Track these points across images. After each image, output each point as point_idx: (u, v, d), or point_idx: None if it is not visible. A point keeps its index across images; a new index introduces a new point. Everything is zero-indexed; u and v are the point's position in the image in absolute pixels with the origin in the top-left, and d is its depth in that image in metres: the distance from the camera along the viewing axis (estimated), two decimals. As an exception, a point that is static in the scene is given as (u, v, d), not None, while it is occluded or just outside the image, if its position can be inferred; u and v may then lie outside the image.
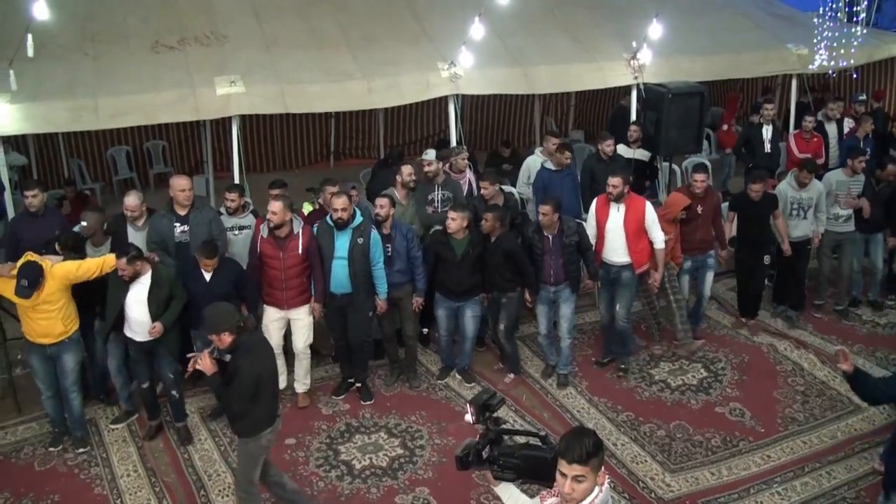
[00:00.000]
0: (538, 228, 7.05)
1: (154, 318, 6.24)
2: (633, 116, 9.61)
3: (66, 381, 6.40)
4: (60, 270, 6.19)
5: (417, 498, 5.91)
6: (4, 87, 7.78)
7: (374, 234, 6.84)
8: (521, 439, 3.54)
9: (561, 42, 9.95)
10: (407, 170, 7.74)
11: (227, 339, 4.94)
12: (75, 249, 6.57)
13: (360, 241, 6.71)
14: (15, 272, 6.02)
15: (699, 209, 7.59)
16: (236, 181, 8.40)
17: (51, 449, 6.52)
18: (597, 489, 3.08)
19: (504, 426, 3.53)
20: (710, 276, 7.95)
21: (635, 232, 7.17)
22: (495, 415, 3.49)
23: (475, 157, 9.34)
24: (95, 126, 8.75)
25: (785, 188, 8.20)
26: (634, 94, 9.64)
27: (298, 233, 6.76)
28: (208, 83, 8.46)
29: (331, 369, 7.68)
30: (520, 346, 7.83)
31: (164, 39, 9.18)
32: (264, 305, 6.97)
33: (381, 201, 7.08)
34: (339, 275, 6.79)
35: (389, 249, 7.03)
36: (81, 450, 6.51)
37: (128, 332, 6.39)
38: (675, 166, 10.20)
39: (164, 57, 8.98)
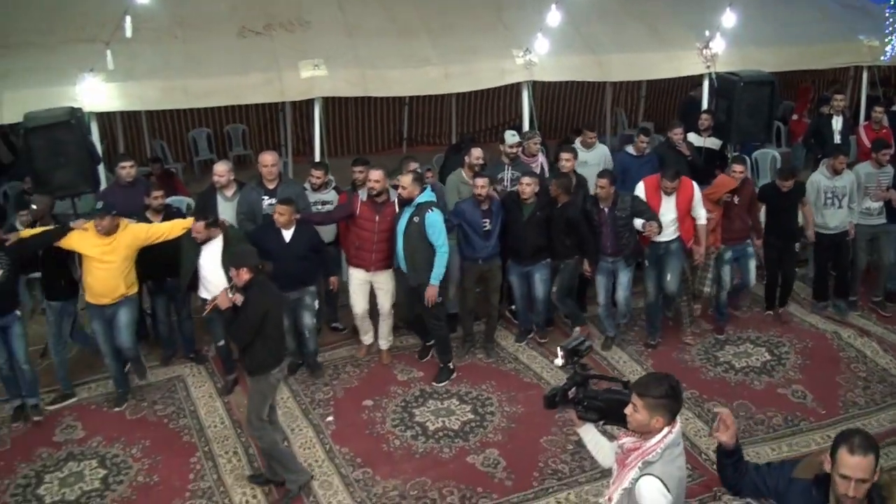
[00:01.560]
0: (595, 201, 7.41)
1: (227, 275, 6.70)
2: (705, 105, 9.73)
3: (121, 338, 6.83)
4: (133, 228, 6.76)
5: (488, 458, 6.21)
6: (102, 67, 8.31)
7: (431, 215, 6.95)
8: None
9: (635, 30, 10.09)
10: (476, 153, 8.03)
11: (244, 275, 5.42)
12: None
13: (416, 219, 6.98)
14: (88, 226, 6.62)
15: (735, 199, 7.77)
16: (317, 159, 8.84)
17: (116, 409, 6.98)
18: (666, 430, 3.34)
19: (591, 372, 3.81)
20: (752, 263, 8.10)
21: (685, 212, 7.50)
22: (582, 360, 3.78)
23: (546, 145, 9.56)
24: (185, 105, 9.27)
25: (818, 178, 8.23)
26: (706, 83, 9.75)
27: (394, 201, 7.20)
28: (293, 67, 8.84)
29: (405, 339, 8.03)
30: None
31: (251, 25, 9.60)
32: (350, 269, 7.46)
33: (480, 181, 7.39)
34: (398, 252, 7.15)
35: (488, 224, 7.40)
36: (142, 381, 7.21)
37: (203, 294, 6.84)
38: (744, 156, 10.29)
39: (251, 42, 9.41)
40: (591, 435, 3.79)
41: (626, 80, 12.23)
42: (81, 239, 6.63)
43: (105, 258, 6.61)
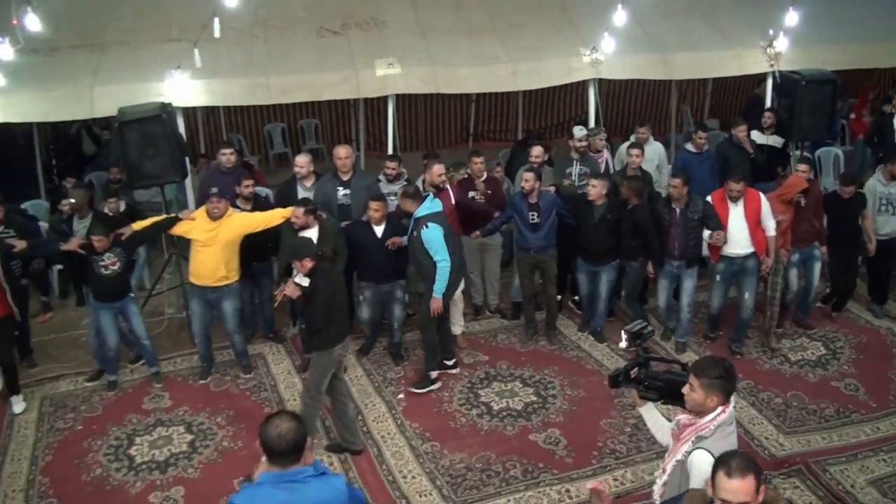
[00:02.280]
0: (667, 201, 7.51)
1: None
2: (768, 103, 9.83)
3: (227, 325, 7.43)
4: (238, 217, 7.28)
5: (549, 437, 6.54)
6: (188, 65, 8.84)
7: (426, 231, 6.95)
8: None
9: (699, 29, 10.21)
10: (535, 151, 8.37)
11: (307, 264, 5.90)
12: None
13: (416, 234, 7.08)
14: (194, 216, 7.20)
15: (802, 201, 7.74)
16: (390, 152, 9.25)
17: (200, 381, 7.54)
18: (720, 409, 3.60)
19: (653, 356, 4.11)
20: (817, 266, 8.06)
21: (755, 224, 7.40)
22: (645, 344, 4.10)
23: (612, 142, 9.78)
24: (267, 101, 9.77)
25: (873, 183, 8.20)
26: (770, 81, 9.84)
27: (448, 189, 7.67)
28: (368, 65, 9.27)
29: (472, 326, 8.42)
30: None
31: (329, 25, 10.06)
32: None
33: (527, 175, 7.71)
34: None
35: (535, 216, 7.68)
36: (248, 375, 7.57)
37: (297, 279, 7.30)
38: (807, 154, 10.38)
39: (329, 41, 9.87)
40: (651, 414, 4.06)
41: (691, 78, 12.32)
42: (189, 226, 7.23)
43: (210, 241, 7.15)
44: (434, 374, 7.32)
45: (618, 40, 8.98)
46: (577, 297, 8.64)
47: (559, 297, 8.69)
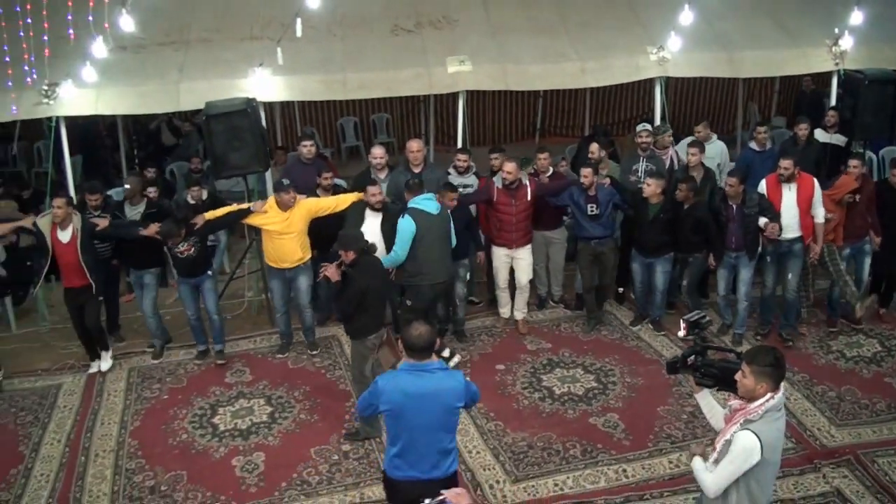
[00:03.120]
0: (724, 198, 7.73)
1: (388, 246, 7.54)
2: (833, 102, 9.87)
3: (301, 299, 7.94)
4: (305, 203, 7.74)
5: (608, 421, 6.80)
6: (270, 62, 9.29)
7: (402, 220, 7.37)
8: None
9: (766, 27, 10.28)
10: (592, 147, 8.73)
11: (351, 255, 6.24)
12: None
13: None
14: (266, 207, 7.66)
15: (856, 197, 7.88)
16: (459, 146, 9.60)
17: (278, 356, 8.08)
18: (769, 395, 3.85)
19: (710, 344, 4.34)
20: (867, 261, 8.21)
21: (806, 209, 7.66)
22: (703, 333, 4.33)
23: (679, 138, 9.88)
24: (343, 97, 10.21)
25: None
26: (834, 80, 9.88)
27: (526, 184, 7.98)
28: (440, 62, 9.64)
29: (536, 315, 8.74)
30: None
31: (403, 23, 10.43)
32: (493, 247, 8.26)
33: (585, 171, 8.04)
34: None
35: (594, 208, 8.01)
36: (314, 352, 8.06)
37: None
38: (870, 153, 10.41)
39: (403, 39, 10.24)
40: (706, 400, 4.29)
41: (756, 76, 12.42)
42: (263, 218, 7.71)
43: (285, 231, 7.66)
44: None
45: (684, 38, 9.14)
46: (620, 290, 9.00)
47: (621, 289, 8.97)
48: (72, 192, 8.87)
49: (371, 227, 7.58)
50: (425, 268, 7.43)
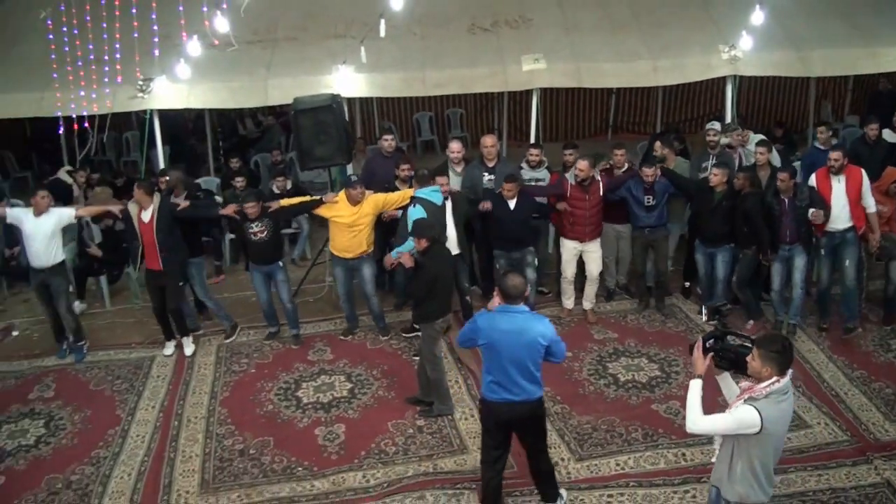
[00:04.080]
0: (776, 193, 7.94)
1: (460, 238, 7.98)
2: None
3: (366, 287, 8.35)
4: (373, 198, 8.17)
5: (670, 408, 7.05)
6: (353, 60, 9.74)
7: (412, 209, 7.72)
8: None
9: (838, 26, 10.35)
10: (656, 145, 9.01)
11: (423, 243, 6.65)
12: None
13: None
14: (337, 199, 8.09)
15: None
16: (532, 141, 9.92)
17: (341, 338, 8.53)
18: (774, 378, 4.14)
19: (731, 330, 4.60)
20: None
21: (856, 200, 7.85)
22: (724, 319, 4.66)
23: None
24: (422, 93, 10.63)
25: None
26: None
27: (598, 179, 8.32)
28: (516, 60, 9.99)
29: (603, 306, 9.04)
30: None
31: (480, 22, 10.81)
32: (563, 240, 8.60)
33: (648, 171, 8.35)
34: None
35: (651, 199, 8.38)
36: (384, 337, 8.47)
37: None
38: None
39: (479, 37, 10.62)
40: (725, 382, 4.58)
41: (827, 75, 12.44)
42: (332, 209, 8.16)
43: (353, 223, 8.08)
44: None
45: (756, 38, 9.26)
46: (687, 284, 9.24)
47: (688, 283, 9.20)
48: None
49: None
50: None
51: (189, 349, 8.36)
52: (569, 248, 8.58)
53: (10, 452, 6.79)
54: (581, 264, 8.71)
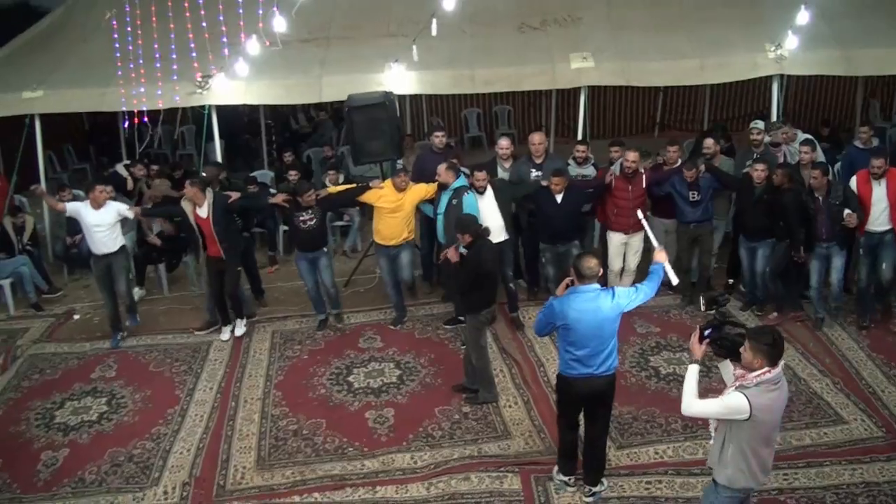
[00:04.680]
0: (810, 191, 8.04)
1: (506, 223, 8.26)
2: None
3: (402, 273, 8.69)
4: (417, 187, 8.53)
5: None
6: (405, 58, 10.00)
7: (468, 196, 8.13)
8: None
9: (884, 25, 10.34)
10: (708, 142, 9.13)
11: (468, 238, 6.89)
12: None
13: (455, 202, 8.17)
14: (384, 185, 8.46)
15: None
16: (579, 138, 10.11)
17: (391, 326, 8.83)
18: (765, 370, 4.29)
19: (729, 319, 4.78)
20: None
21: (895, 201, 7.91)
22: (721, 308, 4.85)
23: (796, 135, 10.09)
24: (472, 91, 10.92)
25: None
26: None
27: (642, 172, 8.52)
28: (564, 58, 10.19)
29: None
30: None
31: (529, 21, 11.02)
32: (609, 232, 8.78)
33: (688, 173, 8.49)
34: (439, 229, 8.45)
35: (696, 195, 8.53)
36: (393, 326, 8.75)
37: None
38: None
39: (528, 36, 10.83)
40: (726, 369, 4.74)
41: (873, 74, 12.41)
42: (377, 195, 8.48)
43: (397, 209, 8.41)
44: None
45: (802, 36, 9.35)
46: (731, 281, 9.34)
47: (731, 280, 9.33)
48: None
49: (487, 205, 8.25)
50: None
51: (240, 330, 8.75)
52: (615, 240, 8.76)
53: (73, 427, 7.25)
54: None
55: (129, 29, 9.95)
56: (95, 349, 8.72)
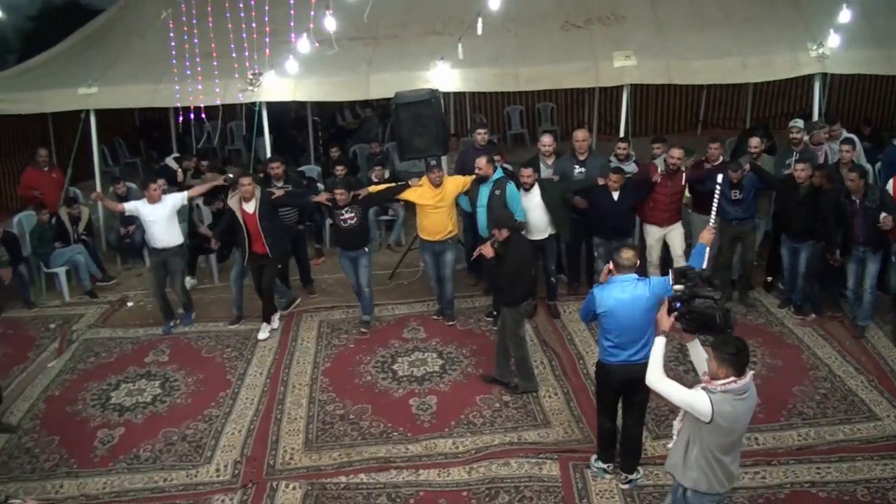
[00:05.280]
0: (848, 194, 8.06)
1: (554, 221, 8.47)
2: None
3: (445, 271, 8.85)
4: (453, 179, 8.80)
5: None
6: (450, 56, 10.22)
7: (510, 187, 8.40)
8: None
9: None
10: (754, 142, 9.16)
11: (504, 233, 7.09)
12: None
13: (498, 192, 8.38)
14: (422, 182, 8.63)
15: None
16: (621, 135, 10.25)
17: (434, 318, 9.07)
18: (731, 379, 4.33)
19: (698, 292, 4.75)
20: None
21: None
22: (689, 283, 4.83)
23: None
24: (515, 88, 11.07)
25: None
26: None
27: (682, 170, 8.66)
28: (607, 57, 10.34)
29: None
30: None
31: (573, 20, 11.19)
32: (646, 225, 8.93)
33: (737, 174, 8.58)
34: (480, 222, 8.54)
35: (738, 193, 8.63)
36: (449, 323, 8.94)
37: (531, 236, 8.55)
38: None
39: (572, 34, 10.99)
40: (696, 349, 4.80)
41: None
42: (417, 192, 8.70)
43: (438, 205, 8.61)
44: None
45: (843, 35, 9.39)
46: (769, 279, 9.40)
47: (770, 278, 9.42)
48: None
49: (531, 200, 8.48)
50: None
51: (274, 324, 9.02)
52: (652, 233, 8.89)
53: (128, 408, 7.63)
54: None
55: (185, 28, 10.26)
56: (149, 335, 9.11)
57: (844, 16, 8.80)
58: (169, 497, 6.32)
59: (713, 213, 6.23)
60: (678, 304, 4.67)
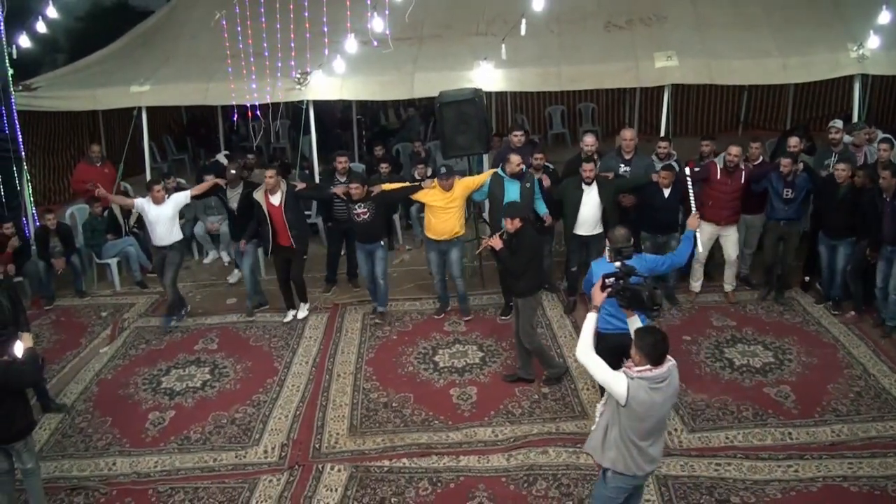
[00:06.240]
0: (880, 192, 8.11)
1: (606, 211, 8.69)
2: None
3: (453, 269, 9.05)
4: (463, 181, 8.97)
5: (781, 391, 7.43)
6: (493, 56, 10.43)
7: (537, 181, 8.79)
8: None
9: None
10: (793, 141, 9.19)
11: (516, 223, 7.27)
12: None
13: (528, 185, 8.69)
14: (434, 185, 8.83)
15: None
16: (661, 135, 10.37)
17: (435, 316, 9.28)
18: (646, 367, 4.46)
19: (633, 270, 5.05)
20: None
21: None
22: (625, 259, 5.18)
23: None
24: (558, 88, 11.21)
25: None
26: None
27: (742, 168, 8.80)
28: (648, 57, 10.45)
29: (723, 294, 9.46)
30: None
31: (615, 20, 11.32)
32: (701, 223, 8.81)
33: (785, 161, 8.73)
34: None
35: (790, 192, 8.74)
36: (466, 317, 9.16)
37: (578, 231, 8.79)
38: None
39: (614, 35, 11.12)
40: (633, 325, 4.91)
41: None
42: (429, 194, 8.92)
43: (448, 206, 8.84)
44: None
45: (883, 36, 9.45)
46: (807, 279, 9.46)
47: (808, 278, 9.48)
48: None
49: (590, 197, 8.68)
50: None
51: (303, 314, 9.36)
52: (705, 230, 8.92)
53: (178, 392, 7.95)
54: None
55: (239, 28, 10.56)
56: (198, 324, 9.46)
57: (884, 17, 8.87)
58: (218, 476, 6.61)
59: (692, 203, 7.00)
60: (612, 280, 4.90)
